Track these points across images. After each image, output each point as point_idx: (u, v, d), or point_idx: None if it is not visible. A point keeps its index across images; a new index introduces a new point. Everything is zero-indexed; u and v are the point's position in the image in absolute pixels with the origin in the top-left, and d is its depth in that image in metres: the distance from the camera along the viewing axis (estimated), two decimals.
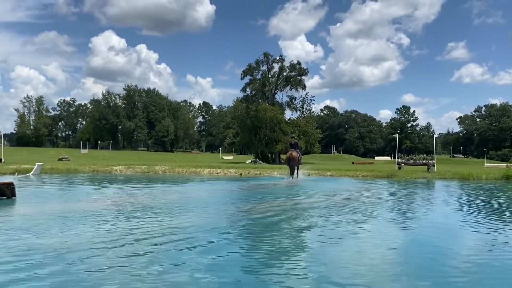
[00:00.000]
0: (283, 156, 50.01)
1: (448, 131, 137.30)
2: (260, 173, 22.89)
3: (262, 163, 43.32)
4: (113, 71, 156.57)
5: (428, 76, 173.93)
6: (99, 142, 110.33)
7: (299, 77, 54.02)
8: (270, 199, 11.90)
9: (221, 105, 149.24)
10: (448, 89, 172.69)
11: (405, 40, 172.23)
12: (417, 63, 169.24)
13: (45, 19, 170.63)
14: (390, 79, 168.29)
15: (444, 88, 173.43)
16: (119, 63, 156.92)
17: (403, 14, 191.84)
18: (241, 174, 22.64)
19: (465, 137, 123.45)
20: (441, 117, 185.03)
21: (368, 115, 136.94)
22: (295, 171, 19.82)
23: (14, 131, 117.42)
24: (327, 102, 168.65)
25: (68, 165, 25.40)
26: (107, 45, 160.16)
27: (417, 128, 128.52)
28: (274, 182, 18.29)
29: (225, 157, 66.59)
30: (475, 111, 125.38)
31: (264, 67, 54.20)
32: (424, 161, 25.66)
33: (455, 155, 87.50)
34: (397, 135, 29.33)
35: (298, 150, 20.33)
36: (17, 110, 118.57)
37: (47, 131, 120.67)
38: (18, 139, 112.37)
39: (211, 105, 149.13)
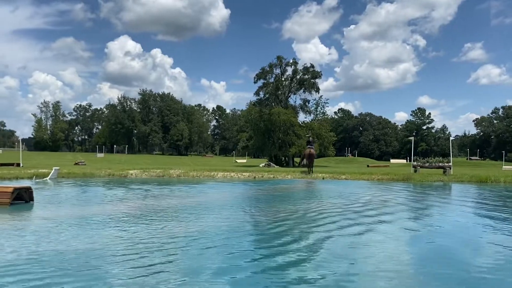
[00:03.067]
0: (297, 160, 49.85)
1: (465, 133, 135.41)
2: (274, 177, 22.84)
3: (275, 166, 43.17)
4: (128, 76, 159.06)
5: (444, 78, 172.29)
6: (114, 146, 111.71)
7: (313, 80, 53.82)
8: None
9: (234, 108, 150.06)
10: (465, 91, 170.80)
11: (421, 42, 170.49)
12: (433, 64, 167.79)
13: (62, 25, 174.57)
14: (405, 81, 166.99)
15: (460, 89, 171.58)
16: (135, 68, 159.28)
17: (419, 15, 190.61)
18: (254, 177, 22.64)
19: (482, 139, 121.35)
20: (457, 119, 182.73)
21: (383, 117, 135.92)
22: (311, 167, 23.34)
23: (32, 136, 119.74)
24: (342, 105, 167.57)
25: (84, 169, 25.74)
26: (123, 50, 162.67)
27: (433, 131, 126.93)
28: (292, 185, 18.39)
29: (238, 161, 66.75)
30: (492, 113, 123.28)
31: (277, 71, 54.20)
32: (440, 164, 25.27)
33: (471, 157, 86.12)
34: (412, 138, 28.82)
35: (313, 146, 24.05)
36: (34, 115, 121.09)
37: (63, 135, 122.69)
38: (35, 144, 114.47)
39: (225, 109, 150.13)
